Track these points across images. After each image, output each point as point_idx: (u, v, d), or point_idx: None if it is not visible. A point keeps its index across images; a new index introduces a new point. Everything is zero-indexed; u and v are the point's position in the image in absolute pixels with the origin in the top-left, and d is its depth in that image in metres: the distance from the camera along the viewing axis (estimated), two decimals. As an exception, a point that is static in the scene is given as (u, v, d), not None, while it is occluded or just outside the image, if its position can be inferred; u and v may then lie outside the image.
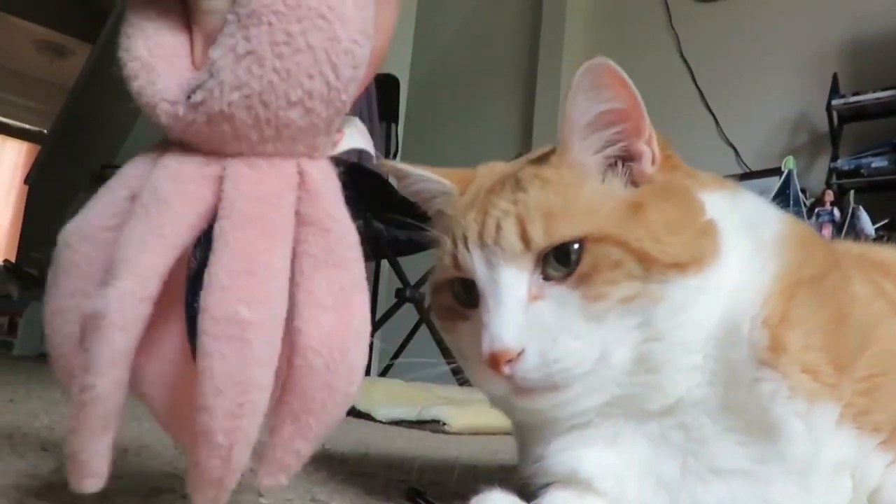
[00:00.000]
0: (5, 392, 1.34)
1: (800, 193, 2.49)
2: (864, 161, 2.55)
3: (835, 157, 2.66)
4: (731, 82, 3.21)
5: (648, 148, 0.50)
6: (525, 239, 0.47)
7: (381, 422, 1.40)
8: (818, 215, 2.43)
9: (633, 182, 0.50)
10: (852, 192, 2.49)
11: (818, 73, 2.87)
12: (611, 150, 0.50)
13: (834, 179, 2.59)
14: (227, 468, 0.35)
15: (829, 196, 2.48)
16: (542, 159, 0.52)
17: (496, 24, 4.16)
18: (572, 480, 0.48)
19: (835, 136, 2.72)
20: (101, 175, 4.89)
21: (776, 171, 2.63)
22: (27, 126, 8.00)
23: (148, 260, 0.35)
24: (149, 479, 0.63)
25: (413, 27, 3.41)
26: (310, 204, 0.37)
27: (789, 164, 2.53)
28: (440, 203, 0.56)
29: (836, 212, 2.43)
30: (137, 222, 0.36)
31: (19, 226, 6.38)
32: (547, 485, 0.50)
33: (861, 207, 2.37)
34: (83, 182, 5.08)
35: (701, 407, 0.47)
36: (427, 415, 1.32)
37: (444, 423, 1.28)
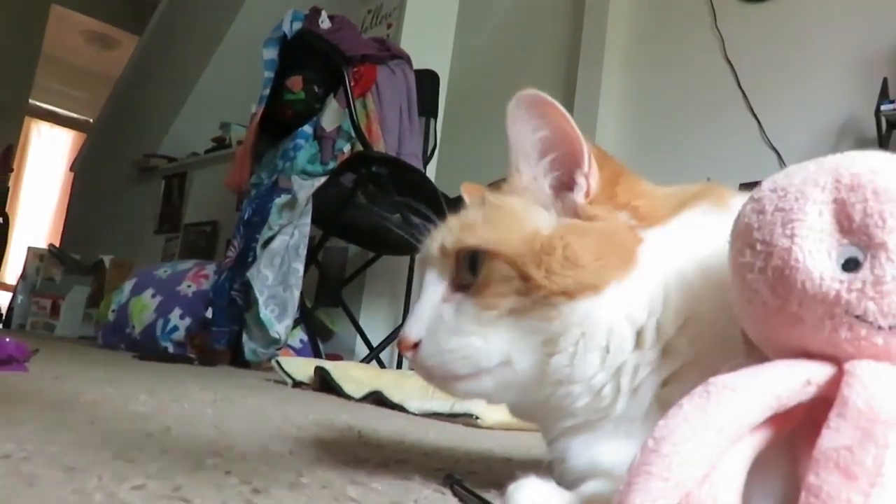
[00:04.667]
0: (51, 369, 1.39)
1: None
2: (913, 168, 2.49)
3: (882, 164, 2.60)
4: (776, 85, 3.14)
5: (585, 180, 0.53)
6: (442, 248, 0.54)
7: (414, 413, 1.41)
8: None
9: (566, 213, 0.53)
10: (900, 199, 2.43)
11: (867, 77, 2.80)
12: (549, 179, 0.54)
13: (881, 187, 2.53)
14: None
15: (876, 203, 2.43)
16: (502, 186, 0.57)
17: (537, 22, 4.14)
18: (595, 474, 0.49)
19: (883, 142, 2.65)
20: (144, 163, 5.00)
21: (821, 177, 2.57)
22: (74, 115, 8.20)
23: None
24: (193, 454, 0.65)
25: (455, 23, 3.42)
26: None
27: (835, 169, 2.47)
28: None
29: (883, 220, 2.38)
30: None
31: (64, 212, 6.53)
32: (576, 480, 0.50)
33: (909, 216, 2.31)
34: (126, 169, 5.20)
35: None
36: (460, 408, 1.32)
37: (477, 418, 1.28)
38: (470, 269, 0.52)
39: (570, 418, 0.52)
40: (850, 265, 0.38)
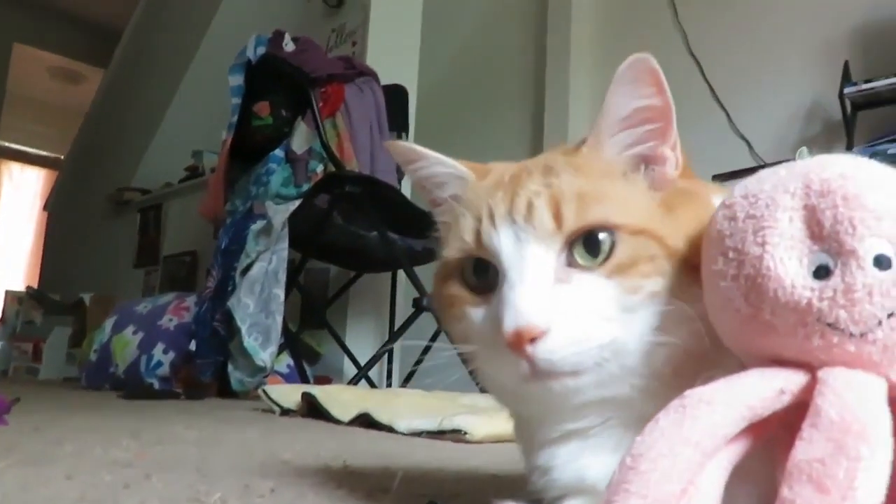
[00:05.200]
0: (31, 420, 1.36)
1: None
2: (879, 148, 2.52)
3: (850, 146, 2.62)
4: (742, 75, 3.18)
5: (673, 153, 0.51)
6: (557, 218, 0.46)
7: (402, 433, 1.40)
8: (836, 205, 2.41)
9: (653, 186, 0.50)
10: (870, 180, 2.46)
11: (829, 61, 2.84)
12: (640, 149, 0.50)
13: (850, 168, 2.57)
14: None
15: (847, 185, 2.46)
16: (569, 152, 0.52)
17: (502, 30, 4.16)
18: (579, 489, 0.48)
19: (849, 124, 2.69)
20: (118, 197, 4.96)
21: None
22: (45, 153, 8.12)
23: None
24: (171, 502, 0.64)
25: (419, 36, 3.43)
26: None
27: (803, 154, 2.50)
28: (453, 188, 0.55)
29: (854, 201, 2.40)
30: None
31: (41, 252, 6.46)
32: (560, 497, 0.49)
33: (879, 195, 2.34)
34: (101, 205, 5.15)
35: None
36: (448, 425, 1.31)
37: (466, 433, 1.28)
38: (587, 247, 0.46)
39: (584, 419, 0.48)
40: (822, 272, 0.38)
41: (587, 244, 0.46)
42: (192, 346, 2.53)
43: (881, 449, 0.34)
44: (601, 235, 0.46)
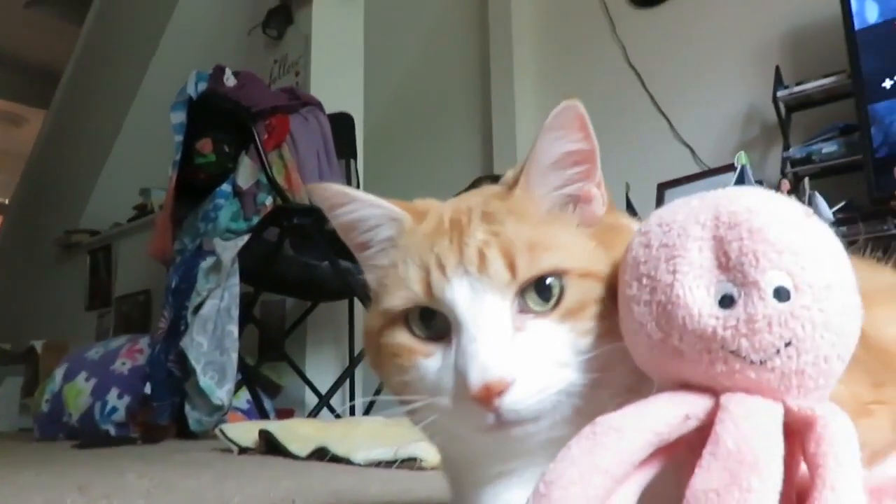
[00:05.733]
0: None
1: (755, 186, 2.53)
2: (814, 147, 2.61)
3: (786, 147, 2.71)
4: (681, 84, 3.27)
5: (599, 191, 0.53)
6: (511, 268, 0.47)
7: (360, 465, 1.39)
8: (776, 206, 2.48)
9: (583, 224, 0.52)
10: (807, 179, 2.54)
11: (762, 66, 2.93)
12: (569, 189, 0.52)
13: (788, 168, 2.65)
14: None
15: (786, 185, 2.53)
16: (501, 195, 0.52)
17: (446, 52, 4.21)
18: None
19: (784, 126, 2.78)
20: (66, 240, 4.85)
21: (733, 167, 2.67)
22: (-12, 198, 7.91)
23: None
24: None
25: (363, 62, 3.44)
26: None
27: (742, 159, 2.57)
28: (388, 230, 0.54)
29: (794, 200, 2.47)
30: None
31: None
32: None
33: (817, 193, 2.41)
34: (49, 248, 5.03)
35: None
36: (403, 454, 1.31)
37: (421, 461, 1.27)
38: (538, 292, 0.47)
39: (516, 461, 0.49)
40: (726, 301, 0.40)
41: (538, 290, 0.47)
42: (147, 388, 2.48)
43: (771, 479, 0.36)
44: (549, 280, 0.48)
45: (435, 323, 0.49)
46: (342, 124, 2.99)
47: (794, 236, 0.40)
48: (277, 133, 2.62)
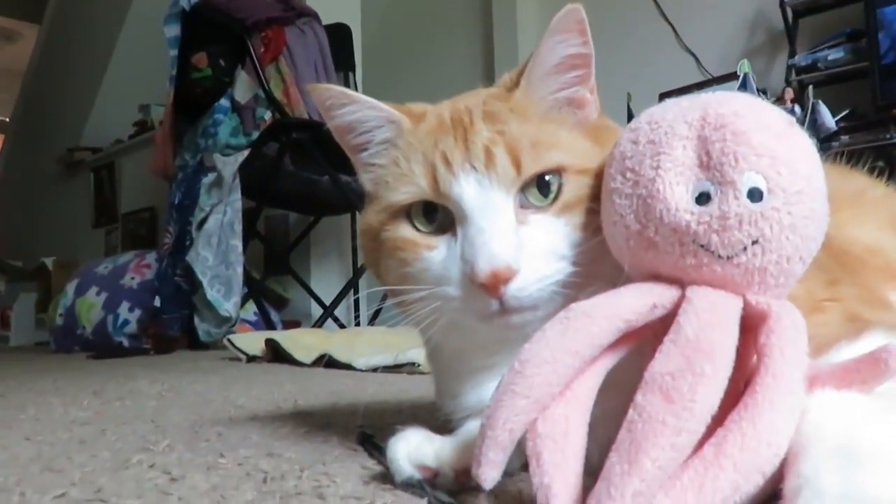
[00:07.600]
0: (-3, 387, 1.39)
1: (758, 95, 2.50)
2: (820, 55, 2.55)
3: (792, 54, 2.66)
4: (686, -12, 3.17)
5: (592, 97, 0.55)
6: (517, 165, 0.49)
7: (361, 370, 1.46)
8: (780, 114, 2.45)
9: (577, 127, 0.54)
10: (811, 87, 2.50)
11: (770, -31, 2.83)
12: (567, 93, 0.54)
13: (793, 76, 2.60)
14: None
15: (789, 94, 2.49)
16: (502, 96, 0.54)
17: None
18: (481, 410, 0.52)
19: (790, 32, 2.71)
20: (69, 158, 4.85)
21: (736, 76, 2.63)
22: (-12, 116, 7.84)
23: None
24: (121, 454, 0.68)
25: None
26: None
27: (744, 67, 2.53)
28: (386, 132, 0.56)
29: (797, 108, 2.44)
30: None
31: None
32: (464, 418, 0.54)
33: (820, 102, 2.38)
34: (53, 167, 5.04)
35: None
36: (403, 358, 1.37)
37: (419, 365, 1.34)
38: (539, 188, 0.50)
39: (497, 355, 0.52)
40: (703, 199, 0.43)
41: (539, 186, 0.50)
42: (157, 302, 2.55)
43: (722, 367, 0.39)
44: (549, 177, 0.50)
45: (437, 217, 0.52)
46: (339, 35, 2.93)
47: (775, 143, 0.42)
48: (274, 46, 2.58)
